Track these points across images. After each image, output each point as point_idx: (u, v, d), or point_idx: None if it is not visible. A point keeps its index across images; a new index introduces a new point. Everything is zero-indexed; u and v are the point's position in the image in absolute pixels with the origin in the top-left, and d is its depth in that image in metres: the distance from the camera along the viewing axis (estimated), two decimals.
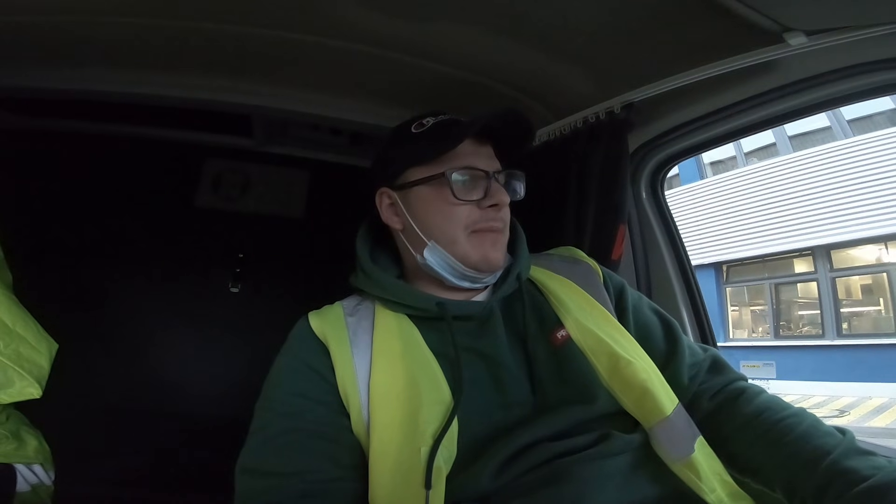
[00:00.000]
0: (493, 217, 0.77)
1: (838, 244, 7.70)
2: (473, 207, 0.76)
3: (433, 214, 0.77)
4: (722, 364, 0.82)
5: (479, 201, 0.76)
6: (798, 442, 0.64)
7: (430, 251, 0.77)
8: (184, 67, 1.32)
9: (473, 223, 0.76)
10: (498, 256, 0.77)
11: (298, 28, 1.11)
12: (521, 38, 1.08)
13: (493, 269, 0.78)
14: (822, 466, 0.59)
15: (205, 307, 1.88)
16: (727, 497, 0.64)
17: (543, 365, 0.73)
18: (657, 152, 1.28)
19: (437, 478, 0.60)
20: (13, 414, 0.98)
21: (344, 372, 0.69)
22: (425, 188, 0.78)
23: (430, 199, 0.78)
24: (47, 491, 0.99)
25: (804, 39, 0.82)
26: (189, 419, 1.70)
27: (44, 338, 0.95)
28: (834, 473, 0.58)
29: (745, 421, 0.71)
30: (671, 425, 0.67)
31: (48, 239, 1.68)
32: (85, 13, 1.07)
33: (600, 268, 0.90)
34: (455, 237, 0.76)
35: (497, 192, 0.77)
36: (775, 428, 0.67)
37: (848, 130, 7.86)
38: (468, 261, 0.76)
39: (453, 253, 0.76)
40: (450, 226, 0.76)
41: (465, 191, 0.76)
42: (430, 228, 0.78)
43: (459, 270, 0.77)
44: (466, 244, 0.76)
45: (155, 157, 1.85)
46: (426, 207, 0.78)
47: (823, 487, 0.58)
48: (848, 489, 0.56)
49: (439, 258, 0.77)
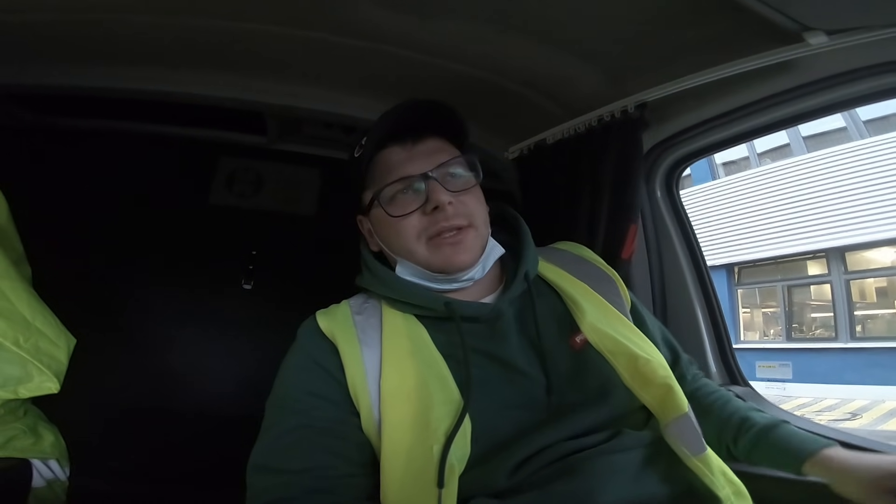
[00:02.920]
0: (442, 219, 0.74)
1: (853, 246, 7.61)
2: (419, 216, 0.75)
3: (388, 234, 0.79)
4: (692, 360, 0.95)
5: (422, 208, 0.75)
6: (721, 407, 0.84)
7: (400, 266, 0.78)
8: (198, 65, 1.32)
9: (424, 230, 0.75)
10: (463, 258, 0.75)
11: (310, 25, 1.11)
12: (534, 35, 1.08)
13: (462, 270, 0.76)
14: (732, 419, 0.81)
15: (218, 304, 1.88)
16: (733, 495, 0.64)
17: (560, 367, 0.73)
18: (672, 152, 1.27)
19: (450, 476, 0.60)
20: (31, 409, 0.99)
21: (354, 370, 0.69)
22: (375, 211, 0.79)
23: (381, 219, 0.79)
24: (62, 486, 1.00)
25: (824, 39, 0.81)
26: (202, 415, 1.71)
27: (62, 332, 0.96)
28: (739, 421, 0.80)
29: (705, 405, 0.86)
30: (688, 421, 0.67)
31: (63, 236, 1.70)
32: (98, 10, 1.07)
33: (618, 277, 0.90)
34: (411, 250, 0.76)
35: (434, 193, 0.74)
36: (706, 401, 0.86)
37: (864, 131, 7.76)
38: (432, 267, 0.76)
39: (416, 263, 0.76)
40: (403, 241, 0.76)
41: (401, 204, 0.76)
42: (391, 247, 0.79)
43: (432, 275, 0.76)
44: (425, 252, 0.75)
45: (170, 155, 1.87)
46: (382, 229, 0.80)
47: (735, 434, 0.80)
48: (747, 431, 0.78)
49: (410, 270, 0.78)
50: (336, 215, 1.97)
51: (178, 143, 1.84)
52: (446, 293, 0.78)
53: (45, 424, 1.00)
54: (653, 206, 1.33)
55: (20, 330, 0.88)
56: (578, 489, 0.60)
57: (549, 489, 0.61)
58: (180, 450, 1.67)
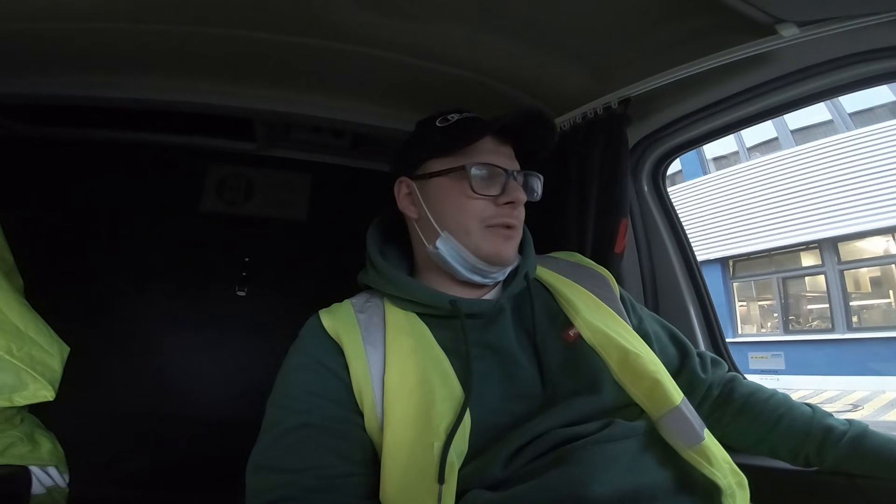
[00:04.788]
0: (508, 214, 0.78)
1: (845, 236, 7.65)
2: (489, 203, 0.78)
3: (449, 205, 0.79)
4: (718, 359, 0.96)
5: (495, 197, 0.78)
6: (788, 416, 0.83)
7: (443, 241, 0.79)
8: (185, 72, 1.33)
9: (489, 217, 0.78)
10: (510, 253, 0.79)
11: (298, 31, 1.12)
12: (519, 36, 1.09)
13: (503, 264, 0.79)
14: (812, 430, 0.79)
15: (212, 311, 1.89)
16: (735, 485, 0.65)
17: (553, 359, 0.75)
18: (657, 146, 1.29)
19: (450, 472, 0.60)
20: (27, 417, 0.99)
21: (358, 369, 0.70)
22: (444, 179, 0.80)
23: (448, 190, 0.79)
24: (62, 493, 1.00)
25: (796, 31, 0.83)
26: (199, 421, 1.72)
27: (55, 341, 0.97)
28: (822, 432, 0.79)
29: (742, 403, 0.88)
30: (681, 414, 0.68)
31: (56, 245, 1.70)
32: (85, 20, 1.07)
33: (614, 279, 0.92)
34: (469, 229, 0.78)
35: (514, 190, 0.78)
36: (767, 406, 0.85)
37: (850, 123, 7.82)
38: (480, 253, 0.77)
39: (466, 244, 0.78)
40: (465, 217, 0.78)
41: (482, 185, 0.78)
42: (444, 219, 0.79)
43: (471, 263, 0.78)
44: (479, 237, 0.77)
45: (159, 163, 1.88)
46: (443, 198, 0.80)
47: (820, 444, 0.78)
48: (837, 441, 0.77)
49: (452, 248, 0.78)
50: (328, 220, 1.99)
51: (168, 151, 1.85)
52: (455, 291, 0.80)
53: (43, 432, 1.00)
54: (641, 200, 1.34)
55: (13, 339, 0.89)
56: (572, 479, 0.60)
57: (544, 479, 0.61)
58: (177, 455, 1.68)
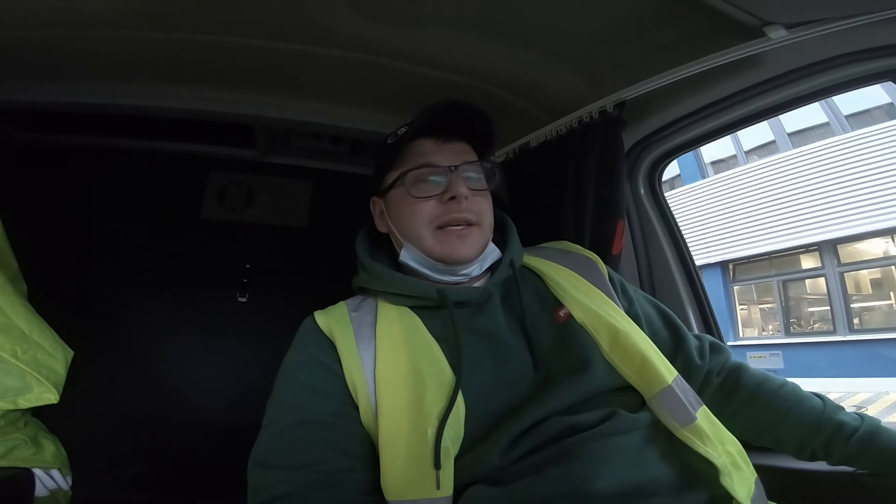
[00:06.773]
0: (455, 210, 0.79)
1: (844, 238, 7.65)
2: (435, 203, 0.80)
3: (403, 214, 0.83)
4: (719, 344, 0.94)
5: (439, 196, 0.80)
6: (797, 408, 0.81)
7: (405, 250, 0.83)
8: (185, 80, 1.34)
9: (437, 218, 0.80)
10: (465, 251, 0.80)
11: (297, 38, 1.13)
12: (515, 42, 1.11)
13: (461, 263, 0.80)
14: (822, 424, 0.78)
15: (213, 317, 1.90)
16: (731, 465, 0.65)
17: (544, 340, 0.76)
18: (653, 149, 1.31)
19: (446, 458, 0.61)
20: (31, 420, 1.01)
21: (350, 362, 0.71)
22: (395, 191, 0.84)
23: (399, 200, 0.83)
24: (65, 496, 1.01)
25: (784, 32, 0.84)
26: (200, 426, 1.72)
27: (59, 345, 0.98)
28: (832, 428, 0.77)
29: (750, 392, 0.85)
30: (672, 394, 0.69)
31: (57, 252, 1.71)
32: (85, 28, 1.09)
33: (602, 261, 0.93)
34: (420, 233, 0.80)
35: (454, 185, 0.79)
36: (777, 397, 0.83)
37: (846, 125, 7.84)
38: (434, 255, 0.80)
39: (422, 249, 0.81)
40: (414, 224, 0.81)
41: (421, 188, 0.80)
42: (402, 229, 0.83)
43: (433, 265, 0.80)
44: (432, 240, 0.80)
45: (161, 171, 1.88)
46: (398, 209, 0.84)
47: (829, 439, 0.77)
48: (848, 437, 0.75)
49: (413, 256, 0.82)
50: (328, 226, 2.00)
51: (169, 159, 1.86)
52: (441, 284, 0.82)
53: (46, 435, 1.01)
54: (637, 203, 1.36)
55: (18, 342, 0.90)
56: (575, 474, 0.60)
57: (545, 475, 0.61)
58: (179, 459, 1.68)
